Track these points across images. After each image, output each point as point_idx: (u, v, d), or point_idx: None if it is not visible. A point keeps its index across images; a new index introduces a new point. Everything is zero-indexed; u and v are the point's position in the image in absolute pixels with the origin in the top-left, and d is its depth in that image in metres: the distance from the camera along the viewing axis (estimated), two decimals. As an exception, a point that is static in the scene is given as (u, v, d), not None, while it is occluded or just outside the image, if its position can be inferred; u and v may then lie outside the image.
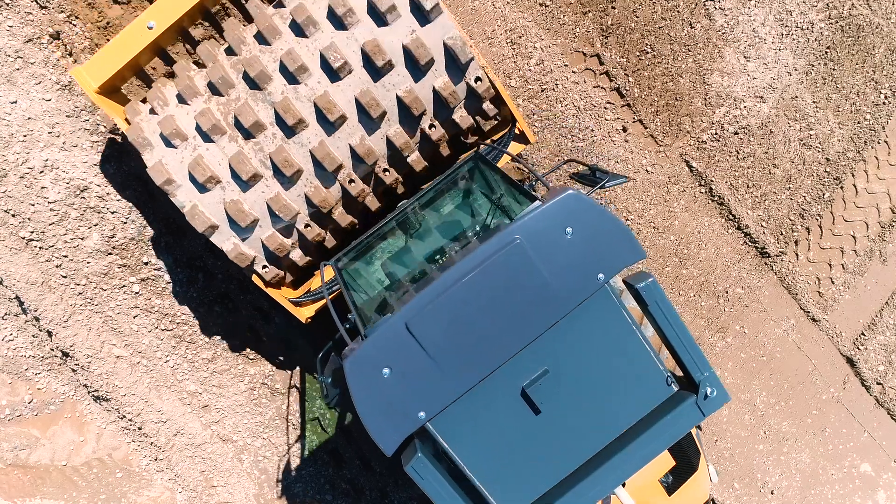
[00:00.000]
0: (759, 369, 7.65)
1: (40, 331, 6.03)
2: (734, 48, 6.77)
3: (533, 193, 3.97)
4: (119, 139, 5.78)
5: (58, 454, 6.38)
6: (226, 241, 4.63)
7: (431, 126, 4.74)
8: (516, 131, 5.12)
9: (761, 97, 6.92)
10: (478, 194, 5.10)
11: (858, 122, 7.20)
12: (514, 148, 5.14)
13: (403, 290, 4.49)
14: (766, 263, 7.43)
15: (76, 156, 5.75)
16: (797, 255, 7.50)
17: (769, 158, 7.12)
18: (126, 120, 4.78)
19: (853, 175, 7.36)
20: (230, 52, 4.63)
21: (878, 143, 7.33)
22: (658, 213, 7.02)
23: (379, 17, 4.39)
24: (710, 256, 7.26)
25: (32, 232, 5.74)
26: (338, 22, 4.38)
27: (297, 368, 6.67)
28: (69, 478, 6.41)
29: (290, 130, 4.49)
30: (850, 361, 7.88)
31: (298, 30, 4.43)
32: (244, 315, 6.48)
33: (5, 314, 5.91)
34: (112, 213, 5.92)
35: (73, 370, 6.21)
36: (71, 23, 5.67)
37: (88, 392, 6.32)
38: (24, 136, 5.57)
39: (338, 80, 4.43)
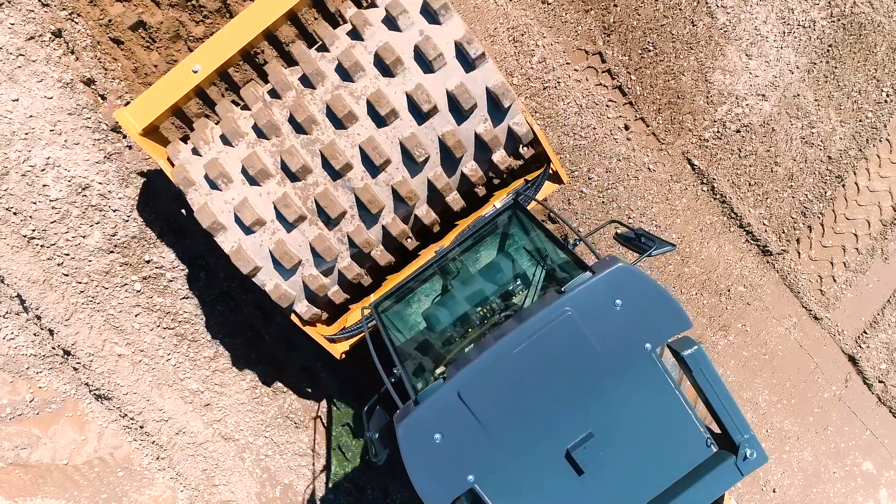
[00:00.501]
0: (761, 367, 7.64)
1: (42, 329, 6.01)
2: (736, 46, 6.77)
3: (576, 254, 4.09)
4: (144, 165, 5.90)
5: (59, 453, 6.36)
6: (268, 281, 4.66)
7: (471, 168, 4.83)
8: (550, 171, 5.19)
9: (763, 95, 6.92)
10: (518, 245, 5.20)
11: (860, 121, 7.20)
12: (548, 187, 5.22)
13: (448, 343, 4.66)
14: (767, 261, 7.43)
15: (78, 154, 5.74)
16: (799, 253, 7.50)
17: (771, 156, 7.11)
18: (168, 160, 4.82)
19: (855, 173, 7.36)
20: (273, 94, 4.69)
21: (880, 141, 7.33)
22: (660, 211, 7.02)
23: (425, 65, 4.48)
24: (711, 254, 7.26)
25: (34, 230, 5.73)
26: (384, 69, 4.46)
27: (323, 401, 6.71)
28: (70, 477, 6.40)
29: (335, 173, 4.55)
30: (852, 359, 7.88)
31: (345, 74, 4.50)
32: (246, 314, 6.47)
33: (6, 313, 5.89)
34: (114, 211, 5.91)
35: (75, 369, 6.20)
36: (73, 20, 5.66)
37: (90, 391, 6.30)
38: (26, 133, 5.56)
39: (384, 124, 4.51)
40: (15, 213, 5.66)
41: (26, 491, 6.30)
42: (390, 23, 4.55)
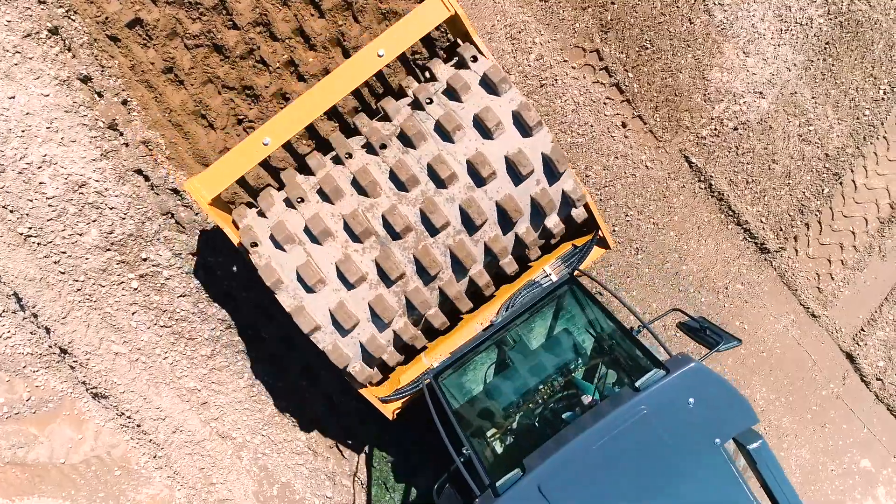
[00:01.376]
0: (758, 365, 7.65)
1: (38, 328, 6.00)
2: (733, 44, 6.77)
3: (644, 346, 4.28)
4: (173, 189, 6.08)
5: (56, 452, 6.34)
6: (327, 340, 4.74)
7: (525, 231, 5.00)
8: (598, 236, 5.37)
9: (760, 93, 6.93)
10: (576, 321, 5.39)
11: (857, 118, 7.21)
12: (595, 252, 5.40)
13: (506, 409, 4.88)
14: (765, 259, 7.44)
15: (74, 151, 5.72)
16: (797, 250, 7.50)
17: (768, 154, 7.12)
18: (233, 222, 4.98)
19: (852, 171, 7.37)
20: (336, 160, 4.90)
21: (877, 138, 7.34)
22: (657, 208, 7.02)
23: (485, 132, 4.68)
24: (709, 252, 7.26)
25: (30, 228, 5.71)
26: (445, 135, 4.67)
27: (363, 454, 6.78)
28: (67, 476, 6.38)
29: (396, 235, 4.70)
30: (850, 357, 7.88)
31: (407, 141, 4.71)
32: (244, 312, 6.46)
33: (3, 311, 5.87)
34: (111, 208, 5.89)
35: (72, 367, 6.18)
36: (70, 18, 5.65)
37: (87, 389, 6.29)
38: (23, 131, 5.55)
39: (443, 187, 4.68)
40: (11, 211, 5.64)
41: (23, 490, 6.28)
42: (451, 95, 4.78)
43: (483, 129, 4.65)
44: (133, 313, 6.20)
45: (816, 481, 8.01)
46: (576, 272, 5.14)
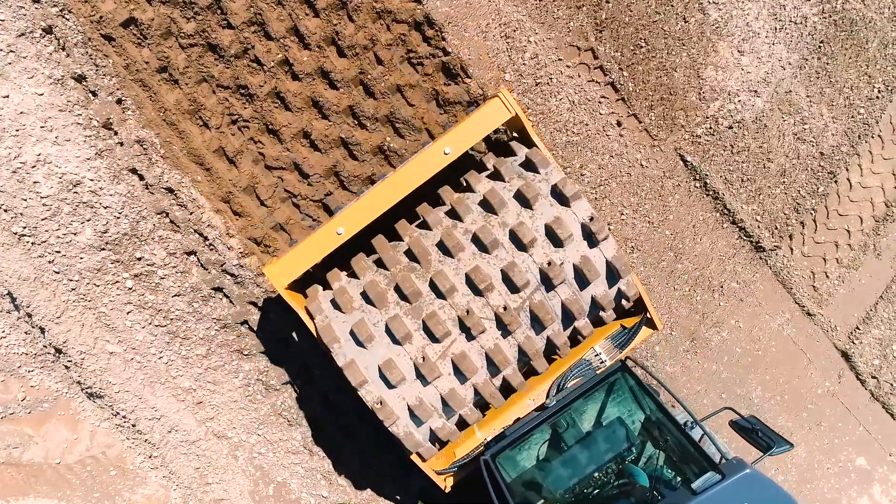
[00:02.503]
0: (754, 364, 7.65)
1: (33, 327, 5.99)
2: (728, 42, 6.79)
3: (699, 445, 4.47)
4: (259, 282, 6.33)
5: (51, 452, 6.33)
6: (404, 430, 5.10)
7: (584, 324, 5.40)
8: (647, 317, 5.70)
9: (755, 91, 6.94)
10: (629, 408, 5.63)
11: (852, 117, 7.22)
12: (644, 332, 5.73)
13: (556, 484, 5.18)
14: (760, 258, 7.44)
15: (69, 150, 5.72)
16: (792, 249, 7.52)
17: (763, 153, 7.13)
18: (306, 309, 5.24)
19: (847, 169, 7.38)
20: (411, 256, 5.21)
21: (872, 137, 7.35)
22: (653, 207, 7.03)
23: (556, 241, 5.08)
24: (704, 251, 7.27)
25: (24, 227, 5.70)
26: (519, 244, 5.06)
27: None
28: (63, 476, 6.37)
29: (470, 335, 5.09)
30: (846, 355, 7.89)
31: (482, 246, 5.07)
32: (239, 310, 6.45)
33: (-2, 311, 5.87)
34: (105, 207, 5.89)
35: (67, 367, 6.17)
36: (64, 17, 5.65)
37: (82, 389, 6.28)
38: (17, 130, 5.54)
39: (517, 291, 5.06)
40: (5, 210, 5.64)
41: (18, 490, 6.26)
42: (523, 200, 5.15)
43: (554, 238, 5.07)
44: (128, 313, 6.19)
45: (812, 479, 8.01)
46: (627, 360, 5.45)
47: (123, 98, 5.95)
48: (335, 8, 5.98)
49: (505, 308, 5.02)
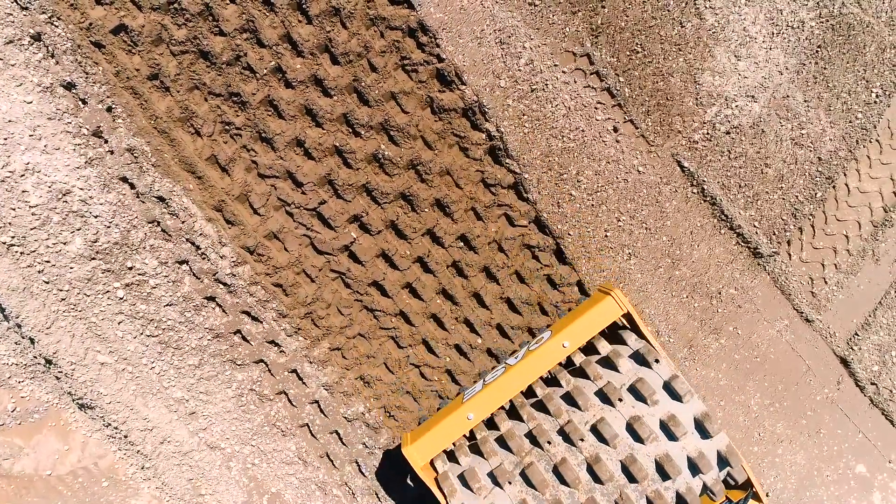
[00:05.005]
0: (753, 370, 7.60)
1: (23, 338, 5.91)
2: (725, 47, 6.73)
3: None
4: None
5: (42, 463, 6.26)
6: None
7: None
8: (753, 490, 5.96)
9: (753, 96, 6.89)
10: None
11: (850, 121, 7.17)
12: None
13: None
14: (758, 264, 7.39)
15: (58, 159, 5.64)
16: (790, 255, 7.46)
17: (761, 158, 7.08)
18: (436, 481, 5.64)
19: (845, 174, 7.33)
20: (532, 440, 5.59)
21: (870, 141, 7.30)
22: (650, 213, 6.97)
23: (671, 434, 5.41)
24: (702, 257, 7.21)
25: (13, 237, 5.63)
26: (636, 436, 5.42)
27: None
28: (54, 487, 6.29)
29: None
30: (845, 362, 7.84)
31: (601, 438, 5.42)
32: (232, 319, 6.38)
33: (-13, 321, 5.80)
34: (95, 217, 5.81)
35: (57, 378, 6.10)
36: (53, 24, 5.58)
37: (73, 400, 6.20)
38: (5, 139, 5.47)
39: (635, 482, 5.37)
40: (-6, 220, 5.57)
41: (9, 502, 6.19)
42: (637, 394, 5.51)
43: (669, 431, 5.41)
44: (119, 323, 6.12)
45: (812, 487, 7.95)
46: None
47: (114, 106, 5.88)
48: (328, 15, 5.92)
49: (621, 495, 5.44)
